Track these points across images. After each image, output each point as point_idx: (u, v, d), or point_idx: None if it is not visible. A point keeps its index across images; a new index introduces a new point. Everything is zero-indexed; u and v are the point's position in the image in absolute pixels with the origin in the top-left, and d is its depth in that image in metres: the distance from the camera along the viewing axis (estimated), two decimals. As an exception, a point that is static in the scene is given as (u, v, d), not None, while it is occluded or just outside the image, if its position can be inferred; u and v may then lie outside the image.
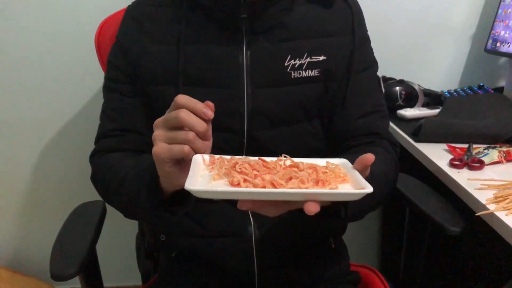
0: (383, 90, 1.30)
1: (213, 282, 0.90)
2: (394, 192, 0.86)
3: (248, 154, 0.84)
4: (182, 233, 0.90)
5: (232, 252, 0.87)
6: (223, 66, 0.83)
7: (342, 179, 0.58)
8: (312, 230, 0.91)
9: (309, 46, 0.84)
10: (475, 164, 0.98)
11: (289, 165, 0.61)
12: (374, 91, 0.91)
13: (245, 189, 0.53)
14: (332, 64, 0.85)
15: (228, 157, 0.62)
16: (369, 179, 0.70)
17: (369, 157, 0.59)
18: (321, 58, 0.84)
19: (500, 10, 1.38)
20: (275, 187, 0.54)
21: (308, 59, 0.84)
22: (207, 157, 0.62)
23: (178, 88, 0.82)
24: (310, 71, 0.84)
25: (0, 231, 1.56)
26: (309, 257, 0.92)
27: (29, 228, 1.57)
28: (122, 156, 0.83)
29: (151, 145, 0.82)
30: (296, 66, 0.83)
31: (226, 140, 0.84)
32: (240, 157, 0.62)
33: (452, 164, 1.00)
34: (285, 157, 0.63)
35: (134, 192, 0.73)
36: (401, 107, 1.33)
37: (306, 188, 0.54)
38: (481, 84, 1.42)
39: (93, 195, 0.94)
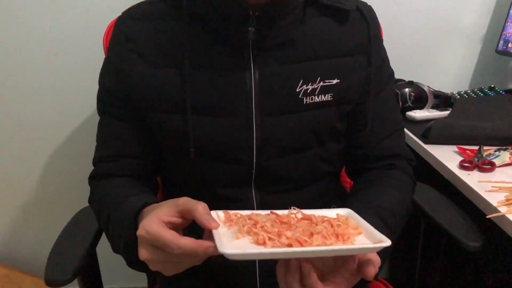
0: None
1: None
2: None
3: (257, 183, 0.80)
4: None
5: (235, 267, 0.82)
6: (230, 92, 0.75)
7: (357, 231, 0.60)
8: None
9: (322, 68, 0.77)
10: (486, 166, 0.97)
11: (301, 218, 0.62)
12: (393, 108, 0.87)
13: (278, 250, 0.54)
14: (346, 87, 0.79)
15: (244, 212, 0.62)
16: (392, 218, 0.74)
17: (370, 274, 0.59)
18: (335, 81, 0.77)
19: (511, 11, 1.36)
20: (301, 244, 0.55)
21: (321, 84, 0.77)
22: (221, 213, 0.62)
23: (186, 116, 0.75)
24: (323, 95, 0.77)
25: (9, 233, 1.57)
26: None
27: (38, 229, 1.58)
28: (118, 184, 0.79)
29: (146, 169, 0.83)
30: (308, 91, 0.76)
31: (234, 171, 0.79)
32: (254, 212, 0.63)
33: (462, 166, 0.98)
34: (294, 209, 0.63)
35: (115, 237, 0.71)
36: (411, 109, 1.32)
37: (331, 244, 0.56)
38: (492, 85, 1.40)
39: None
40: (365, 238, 0.59)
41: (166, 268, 0.59)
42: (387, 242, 0.55)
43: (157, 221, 0.56)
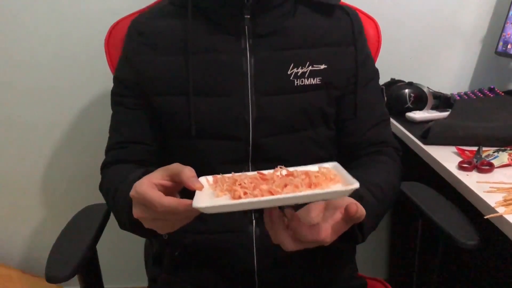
0: (385, 98, 1.31)
1: (216, 279, 0.91)
2: (399, 195, 0.90)
3: (254, 161, 0.87)
4: (185, 231, 0.88)
5: (233, 247, 0.88)
6: (228, 75, 0.85)
7: (333, 180, 0.62)
8: None
9: (311, 55, 0.86)
10: (485, 166, 0.97)
11: (285, 174, 0.65)
12: (379, 100, 0.96)
13: (245, 200, 0.58)
14: (333, 72, 0.87)
15: (229, 175, 0.66)
16: (380, 192, 0.79)
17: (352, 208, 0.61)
18: (322, 66, 0.86)
19: (511, 12, 1.37)
20: (272, 195, 0.58)
21: (310, 68, 0.86)
22: (210, 178, 0.66)
23: (189, 97, 0.84)
24: (312, 79, 0.86)
25: (10, 232, 1.58)
26: (310, 257, 0.91)
27: (39, 229, 1.59)
28: (124, 168, 0.85)
29: (155, 155, 0.90)
30: (298, 74, 0.85)
31: (232, 148, 0.86)
32: (240, 173, 0.66)
33: (461, 167, 0.99)
34: (281, 167, 0.67)
35: (119, 209, 0.77)
36: (410, 110, 1.32)
37: (300, 192, 0.58)
38: (492, 86, 1.40)
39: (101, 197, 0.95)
40: (340, 186, 0.61)
41: (158, 226, 0.64)
42: (355, 185, 0.57)
43: (147, 183, 0.62)
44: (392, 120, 1.32)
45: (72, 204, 1.44)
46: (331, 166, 0.67)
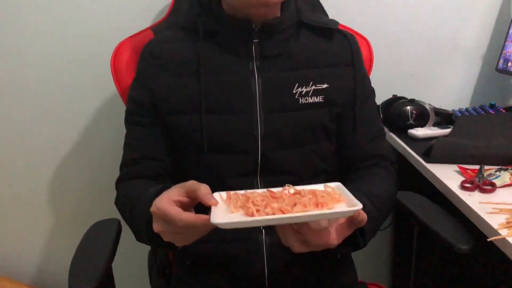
0: (381, 115, 1.36)
1: (226, 285, 0.96)
2: (396, 205, 0.99)
3: (262, 174, 0.94)
4: (197, 241, 0.92)
5: (244, 255, 0.93)
6: (238, 94, 0.91)
7: (337, 200, 0.69)
8: None
9: (314, 75, 0.93)
10: (487, 186, 0.98)
11: (293, 193, 0.71)
12: (376, 117, 1.04)
13: (260, 218, 0.64)
14: (334, 91, 0.94)
15: (242, 192, 0.72)
16: (379, 202, 0.87)
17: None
18: (324, 86, 0.93)
19: (511, 30, 1.38)
20: (283, 213, 0.64)
21: (313, 87, 0.93)
22: (223, 194, 0.72)
23: (201, 116, 0.90)
24: (315, 97, 0.93)
25: (21, 248, 1.57)
26: (315, 263, 0.97)
27: (49, 245, 1.58)
28: (140, 184, 0.91)
29: (168, 169, 0.95)
30: (303, 93, 0.92)
31: (242, 161, 0.92)
32: (251, 191, 0.72)
33: (463, 187, 1.00)
34: (288, 186, 0.73)
35: (137, 223, 0.82)
36: (412, 126, 1.33)
37: (308, 211, 0.65)
38: (493, 103, 1.42)
39: (111, 212, 0.97)
40: (345, 205, 0.68)
41: (176, 239, 0.71)
42: (359, 206, 0.64)
43: (166, 199, 0.68)
44: (394, 136, 1.33)
45: (81, 219, 1.45)
46: (335, 186, 0.73)
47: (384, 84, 1.21)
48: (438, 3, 1.44)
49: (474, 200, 0.94)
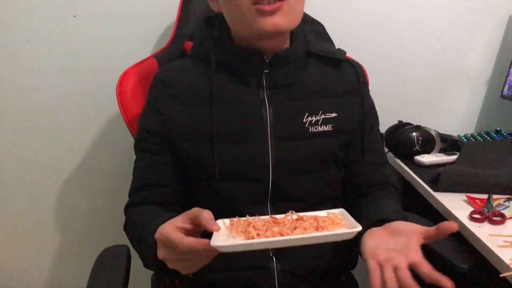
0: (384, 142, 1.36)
1: None
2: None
3: (272, 201, 0.94)
4: (207, 268, 0.92)
5: (255, 283, 0.93)
6: (249, 123, 0.92)
7: (338, 225, 0.70)
8: (326, 263, 0.98)
9: (323, 104, 0.95)
10: (496, 218, 0.97)
11: (295, 218, 0.73)
12: (380, 145, 1.06)
13: (258, 240, 0.66)
14: (343, 120, 0.96)
15: (244, 218, 0.73)
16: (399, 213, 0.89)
17: (453, 226, 0.69)
18: (333, 115, 0.95)
19: (516, 57, 1.39)
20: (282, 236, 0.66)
21: (323, 116, 0.94)
22: (227, 221, 0.74)
23: (213, 145, 0.91)
24: (324, 126, 0.95)
25: (28, 275, 1.56)
26: (323, 287, 0.99)
27: (56, 270, 1.56)
28: (149, 211, 0.92)
29: (178, 196, 0.95)
30: (312, 122, 0.94)
31: (253, 189, 0.93)
32: (254, 217, 0.74)
33: (472, 218, 0.99)
34: (292, 212, 0.74)
35: (144, 251, 0.84)
36: (418, 153, 1.33)
37: (308, 234, 0.66)
38: (498, 129, 1.41)
39: (118, 237, 0.97)
40: (345, 229, 0.69)
41: (181, 266, 0.71)
42: (358, 228, 0.66)
43: (170, 226, 0.69)
44: (400, 163, 1.33)
45: (88, 244, 1.44)
46: (338, 212, 0.75)
47: (389, 109, 1.22)
48: (442, 30, 1.45)
49: (484, 232, 0.93)
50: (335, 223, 0.70)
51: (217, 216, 0.83)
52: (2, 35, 1.32)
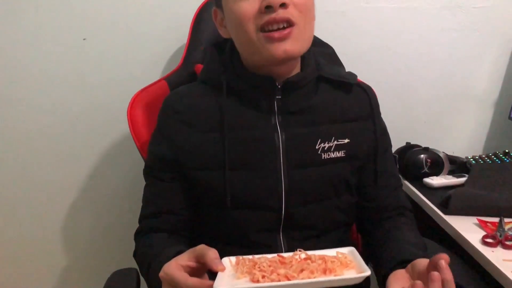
0: (397, 165, 1.34)
1: None
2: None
3: (284, 229, 0.93)
4: None
5: None
6: (261, 150, 0.90)
7: (348, 266, 0.69)
8: None
9: (336, 130, 0.93)
10: (509, 242, 0.96)
11: (303, 258, 0.72)
12: (394, 167, 1.05)
13: (262, 284, 0.65)
14: (355, 145, 0.95)
15: (250, 257, 0.73)
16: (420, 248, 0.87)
17: (444, 260, 0.67)
18: (346, 141, 0.94)
19: (523, 79, 1.39)
20: (288, 279, 0.65)
21: (335, 142, 0.93)
22: (233, 258, 0.73)
23: (225, 172, 0.89)
24: (337, 152, 0.93)
25: None
26: None
27: None
28: (158, 240, 0.92)
29: (187, 224, 0.94)
30: (325, 148, 0.92)
31: (265, 217, 0.91)
32: (260, 256, 0.74)
33: (485, 242, 0.98)
34: (300, 251, 0.74)
35: (152, 283, 0.82)
36: (427, 175, 1.32)
37: (314, 277, 0.65)
38: (507, 150, 1.41)
39: (130, 260, 0.96)
40: (354, 272, 0.68)
41: None
42: (367, 272, 0.65)
43: (174, 265, 0.69)
44: (409, 185, 1.32)
45: (97, 268, 1.43)
46: (348, 252, 0.74)
47: (397, 131, 1.21)
48: (449, 53, 1.46)
49: (497, 258, 0.92)
50: (344, 265, 0.69)
51: (228, 244, 0.89)
52: (11, 55, 1.34)
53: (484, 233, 1.01)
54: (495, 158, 1.39)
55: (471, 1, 1.41)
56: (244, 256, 0.73)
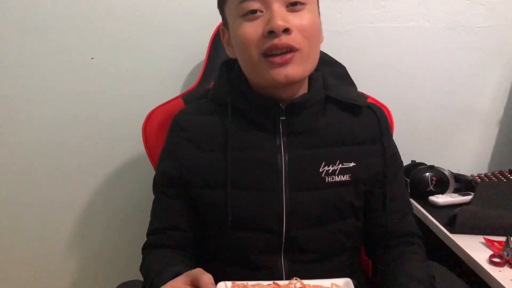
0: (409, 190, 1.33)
1: None
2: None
3: (286, 252, 0.91)
4: None
5: None
6: (264, 171, 0.90)
7: None
8: None
9: (340, 153, 0.91)
10: (516, 261, 0.96)
11: (299, 287, 0.73)
12: (405, 192, 1.01)
13: None
14: (362, 169, 0.92)
15: (249, 283, 0.74)
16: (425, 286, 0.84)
17: None
18: (352, 164, 0.91)
19: (527, 97, 1.40)
20: None
21: (340, 166, 0.91)
22: (229, 283, 0.74)
23: (226, 191, 0.89)
24: (342, 176, 0.91)
25: None
26: None
27: None
28: (163, 256, 0.92)
29: (192, 241, 0.94)
30: (329, 171, 0.90)
31: (266, 239, 0.90)
32: (255, 283, 0.74)
33: (492, 262, 0.97)
34: (295, 279, 0.74)
35: None
36: (432, 193, 1.32)
37: None
38: (512, 169, 1.41)
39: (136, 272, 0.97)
40: None
41: None
42: None
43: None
44: (415, 203, 1.32)
45: (104, 279, 1.42)
46: (343, 283, 0.74)
47: (402, 149, 1.21)
48: (453, 71, 1.47)
49: (504, 277, 0.92)
50: None
51: (230, 265, 0.89)
52: (21, 75, 1.35)
53: (491, 252, 1.01)
54: (500, 176, 1.39)
55: (474, 21, 1.43)
56: (239, 282, 0.74)
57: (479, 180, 1.38)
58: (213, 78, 1.19)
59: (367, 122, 0.95)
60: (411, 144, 1.48)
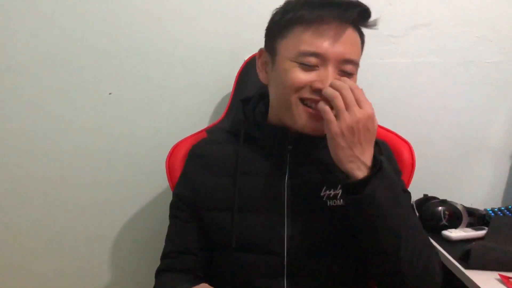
0: (417, 213, 1.34)
1: None
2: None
3: (289, 275, 0.94)
4: None
5: None
6: (268, 195, 0.95)
7: None
8: None
9: (341, 177, 0.90)
10: (533, 299, 0.95)
11: None
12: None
13: None
14: None
15: None
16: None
17: None
18: None
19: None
20: None
21: (341, 190, 0.93)
22: None
23: (233, 215, 0.94)
24: (343, 200, 0.93)
25: None
26: None
27: None
28: (172, 281, 0.96)
29: (202, 264, 1.00)
30: (331, 195, 0.94)
31: (269, 262, 0.94)
32: None
33: (508, 299, 0.96)
34: None
35: None
36: (445, 227, 1.31)
37: None
38: (526, 203, 1.40)
39: None
40: None
41: None
42: None
43: None
44: (428, 237, 1.31)
45: None
46: None
47: (414, 183, 1.22)
48: (464, 105, 1.48)
49: (521, 315, 0.91)
50: None
51: None
52: (40, 110, 1.39)
53: (506, 289, 1.00)
54: (514, 211, 1.38)
55: (482, 56, 1.45)
56: None
57: (492, 214, 1.37)
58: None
59: None
60: (423, 178, 1.47)
